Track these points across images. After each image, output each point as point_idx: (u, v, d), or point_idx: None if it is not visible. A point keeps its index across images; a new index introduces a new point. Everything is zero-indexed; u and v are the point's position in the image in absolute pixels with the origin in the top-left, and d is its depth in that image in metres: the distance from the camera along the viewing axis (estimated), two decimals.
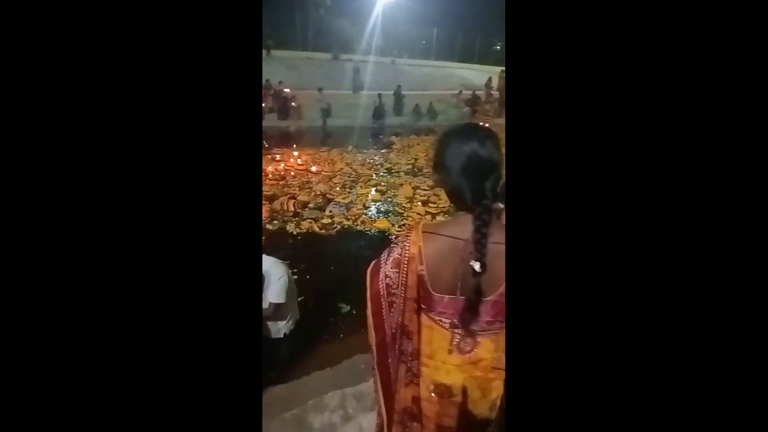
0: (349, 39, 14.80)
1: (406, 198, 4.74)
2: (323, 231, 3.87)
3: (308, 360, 2.16)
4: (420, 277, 0.77)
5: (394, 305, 0.81)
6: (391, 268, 0.79)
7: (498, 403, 0.86)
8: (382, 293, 0.81)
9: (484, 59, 19.02)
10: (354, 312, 2.59)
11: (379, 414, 0.92)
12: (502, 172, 0.74)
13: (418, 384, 0.85)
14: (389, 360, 0.85)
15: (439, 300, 0.78)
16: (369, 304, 0.83)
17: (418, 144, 7.89)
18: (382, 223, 4.03)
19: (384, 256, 0.82)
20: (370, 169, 6.00)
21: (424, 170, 5.73)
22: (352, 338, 2.33)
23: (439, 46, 18.32)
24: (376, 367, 0.87)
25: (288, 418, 1.60)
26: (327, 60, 13.49)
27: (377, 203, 4.63)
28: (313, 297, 2.73)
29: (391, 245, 0.82)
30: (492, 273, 0.72)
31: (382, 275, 0.80)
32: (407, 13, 16.45)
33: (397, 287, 0.79)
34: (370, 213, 4.34)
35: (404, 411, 0.88)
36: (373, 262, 0.84)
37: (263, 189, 4.64)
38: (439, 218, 4.08)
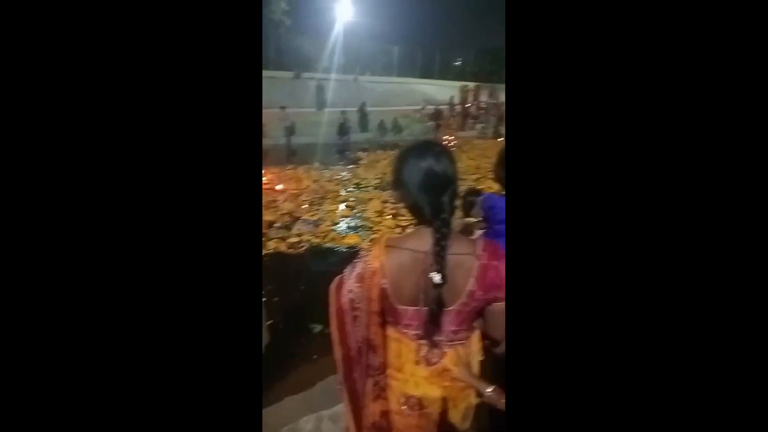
0: (311, 57, 14.93)
1: (376, 212, 4.75)
2: (291, 250, 3.79)
3: (281, 384, 2.08)
4: (383, 291, 0.77)
5: (358, 319, 0.80)
6: (355, 282, 0.79)
7: (471, 414, 0.86)
8: (345, 308, 0.81)
9: (444, 75, 19.72)
10: (326, 331, 2.52)
11: (349, 430, 0.90)
12: (457, 187, 0.77)
13: (386, 398, 0.84)
14: (355, 375, 0.84)
15: (404, 312, 0.78)
16: (333, 320, 0.82)
17: (385, 159, 7.98)
18: (352, 239, 4.00)
19: (347, 270, 0.81)
20: (337, 185, 5.98)
21: None
22: (326, 359, 2.27)
23: (400, 63, 18.82)
24: (343, 382, 0.85)
25: None
26: (289, 78, 13.48)
27: (346, 219, 4.60)
28: (283, 319, 2.65)
29: (355, 260, 0.82)
30: (453, 283, 0.73)
31: (345, 290, 0.80)
32: (367, 31, 16.91)
33: (361, 301, 0.79)
34: (339, 229, 4.31)
35: (373, 426, 0.87)
36: (336, 278, 0.84)
37: None
38: (409, 230, 4.11)
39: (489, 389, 0.77)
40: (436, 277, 0.70)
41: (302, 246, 3.87)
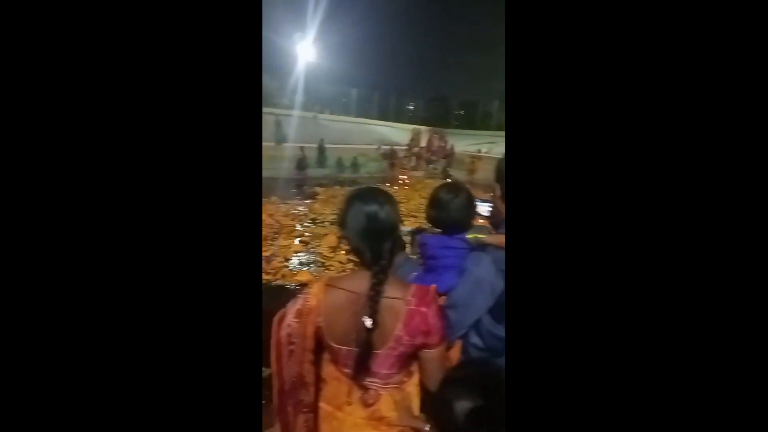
0: (271, 93, 15.09)
1: (330, 248, 4.74)
2: None
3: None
4: (318, 329, 0.80)
5: (294, 355, 0.83)
6: (293, 318, 0.82)
7: None
8: (282, 342, 0.83)
9: (399, 118, 20.70)
10: None
11: None
12: (398, 235, 0.81)
13: None
14: (288, 409, 0.86)
15: (338, 351, 0.81)
16: (273, 352, 0.85)
17: (342, 195, 8.02)
18: (303, 275, 3.95)
19: (290, 305, 0.85)
20: (293, 220, 5.94)
21: None
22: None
23: (358, 104, 19.56)
24: (276, 415, 0.86)
25: None
26: None
27: (299, 255, 4.56)
28: None
29: (297, 296, 0.86)
30: (382, 327, 0.76)
31: (285, 324, 0.83)
32: (328, 72, 17.56)
33: (297, 337, 0.82)
34: (291, 265, 4.25)
35: None
36: (280, 311, 0.88)
37: None
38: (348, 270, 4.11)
39: (426, 427, 0.77)
40: (368, 321, 0.73)
41: None
